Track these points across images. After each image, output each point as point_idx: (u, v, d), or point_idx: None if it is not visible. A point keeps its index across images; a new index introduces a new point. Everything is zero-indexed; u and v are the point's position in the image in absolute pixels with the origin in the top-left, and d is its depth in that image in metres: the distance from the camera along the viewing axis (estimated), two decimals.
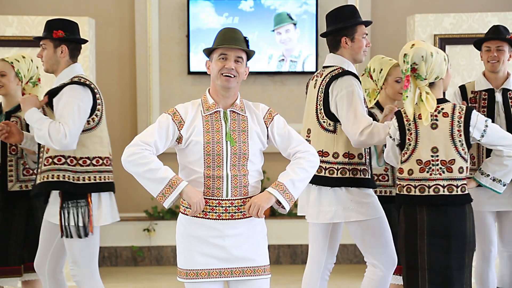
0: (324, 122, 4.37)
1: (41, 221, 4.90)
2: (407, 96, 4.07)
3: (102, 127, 4.54)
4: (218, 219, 3.56)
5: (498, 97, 4.97)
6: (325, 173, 4.35)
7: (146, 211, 7.79)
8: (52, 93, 4.48)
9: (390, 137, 4.17)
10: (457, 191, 4.04)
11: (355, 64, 4.49)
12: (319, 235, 4.50)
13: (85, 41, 4.63)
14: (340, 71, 4.36)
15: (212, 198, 3.54)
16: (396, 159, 4.21)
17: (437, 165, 4.05)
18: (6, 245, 4.92)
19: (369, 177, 4.41)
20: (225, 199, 3.55)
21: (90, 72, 6.90)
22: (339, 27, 4.41)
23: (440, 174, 4.04)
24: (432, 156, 4.05)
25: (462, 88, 5.15)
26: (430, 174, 4.05)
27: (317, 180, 4.31)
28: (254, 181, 3.61)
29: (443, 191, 4.03)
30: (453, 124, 4.05)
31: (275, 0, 7.76)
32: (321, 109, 4.38)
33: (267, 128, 3.66)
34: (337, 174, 4.33)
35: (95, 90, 4.50)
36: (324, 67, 4.51)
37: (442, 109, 4.09)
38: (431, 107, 4.05)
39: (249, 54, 3.65)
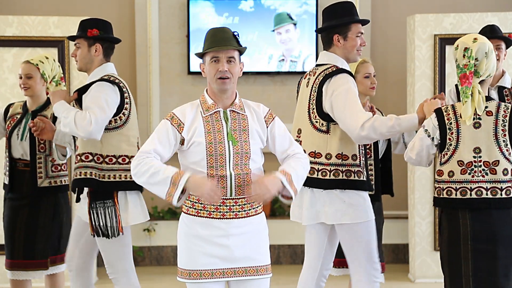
0: (316, 122, 4.23)
1: (65, 216, 5.13)
2: (471, 94, 3.86)
3: (130, 126, 4.58)
4: (222, 218, 3.56)
5: (494, 94, 5.01)
6: (317, 175, 4.21)
7: None
8: (81, 90, 4.53)
9: (429, 136, 3.96)
10: (501, 194, 3.85)
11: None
12: (316, 239, 4.40)
13: (119, 41, 4.70)
14: (334, 69, 4.22)
15: None
16: (427, 160, 4.02)
17: (480, 166, 3.86)
18: (33, 239, 5.08)
19: (364, 179, 4.26)
20: (229, 198, 3.55)
21: None
22: (332, 24, 4.27)
23: (483, 176, 3.86)
24: (474, 157, 3.86)
25: (458, 87, 5.18)
26: (472, 176, 3.86)
27: (309, 182, 4.17)
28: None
29: (486, 194, 3.85)
30: (497, 123, 3.87)
31: (275, 0, 7.76)
32: (313, 108, 4.23)
33: (267, 127, 3.66)
34: (330, 176, 4.19)
35: (124, 89, 4.56)
36: (317, 65, 4.37)
37: (486, 107, 3.89)
38: (480, 108, 3.87)
39: (241, 50, 3.63)
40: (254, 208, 3.62)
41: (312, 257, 4.44)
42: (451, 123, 3.91)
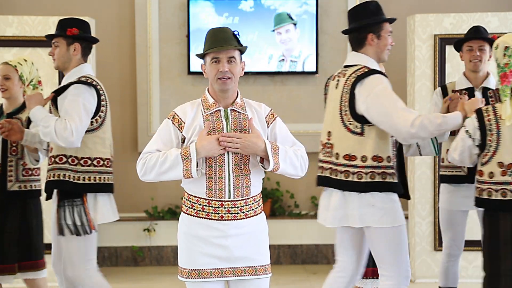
0: (350, 124, 4.14)
1: (35, 222, 5.05)
2: (510, 94, 3.84)
3: (105, 128, 4.57)
4: (220, 220, 3.55)
5: (478, 95, 5.04)
6: (352, 178, 4.12)
7: (146, 211, 7.79)
8: (58, 91, 4.51)
9: (470, 136, 3.96)
10: None
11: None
12: (350, 242, 4.29)
13: (97, 40, 4.69)
14: (366, 70, 4.14)
15: (215, 199, 3.54)
16: (470, 160, 4.02)
17: None
18: (1, 244, 5.01)
19: (397, 181, 4.19)
20: (228, 200, 3.54)
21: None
22: (366, 23, 4.19)
23: None
24: None
25: (443, 88, 5.25)
26: None
27: (344, 185, 4.13)
28: (256, 181, 3.60)
29: None
30: None
31: (275, 0, 7.76)
32: (346, 110, 4.15)
33: (267, 127, 3.65)
34: (366, 179, 4.10)
35: (101, 92, 4.54)
36: (345, 66, 4.28)
37: None
38: None
39: (242, 50, 3.61)
40: (253, 210, 3.61)
41: (344, 260, 4.32)
42: (491, 124, 3.90)
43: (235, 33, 3.60)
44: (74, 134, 4.33)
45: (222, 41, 3.54)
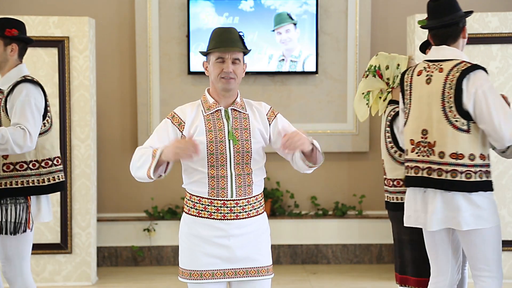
0: (457, 121, 3.96)
1: None
2: None
3: (55, 126, 4.64)
4: (223, 219, 3.56)
5: None
6: (461, 177, 3.96)
7: (146, 211, 7.79)
8: (6, 93, 4.51)
9: None
10: None
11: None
12: (442, 244, 4.15)
13: (32, 41, 4.70)
14: (469, 65, 3.98)
15: (217, 198, 3.55)
16: None
17: None
18: None
19: (492, 179, 4.06)
20: (230, 200, 3.55)
21: (90, 72, 6.90)
22: (466, 14, 4.08)
23: None
24: None
25: None
26: None
27: (450, 185, 3.97)
28: (258, 180, 3.61)
29: None
30: None
31: (275, 0, 7.76)
32: (451, 107, 3.97)
33: (269, 124, 3.66)
34: (475, 178, 3.96)
35: (45, 92, 4.59)
36: (436, 60, 4.10)
37: None
38: None
39: (246, 52, 3.64)
40: (255, 209, 3.62)
41: (443, 263, 4.19)
42: None
43: (241, 34, 3.62)
44: (33, 138, 4.36)
45: (229, 41, 3.55)
